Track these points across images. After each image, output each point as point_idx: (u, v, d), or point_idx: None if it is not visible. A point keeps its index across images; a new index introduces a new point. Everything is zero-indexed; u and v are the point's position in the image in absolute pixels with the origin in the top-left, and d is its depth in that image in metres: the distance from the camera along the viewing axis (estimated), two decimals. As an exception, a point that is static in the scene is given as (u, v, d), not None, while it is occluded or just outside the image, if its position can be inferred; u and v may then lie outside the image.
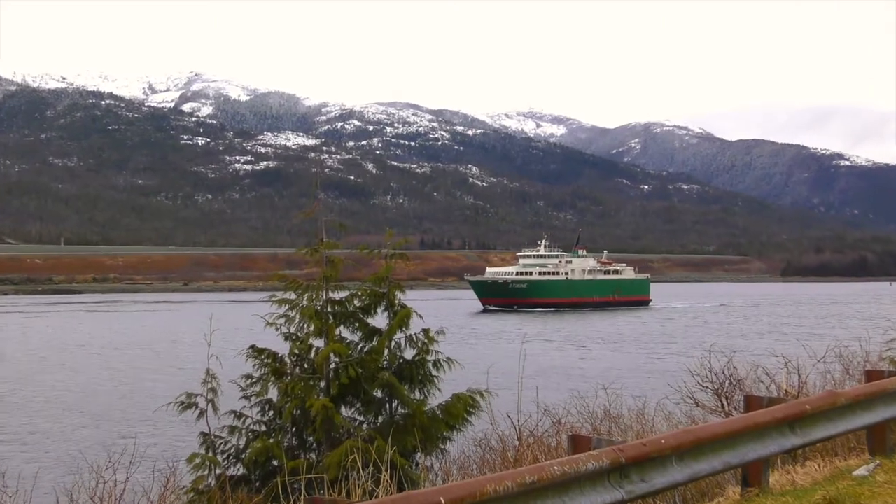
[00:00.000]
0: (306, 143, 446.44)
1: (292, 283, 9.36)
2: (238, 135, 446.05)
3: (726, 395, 11.62)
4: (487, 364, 17.62)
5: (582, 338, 63.04)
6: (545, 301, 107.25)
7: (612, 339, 62.81)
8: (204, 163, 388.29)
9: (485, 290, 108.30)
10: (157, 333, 66.81)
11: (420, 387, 9.40)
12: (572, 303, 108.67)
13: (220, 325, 57.55)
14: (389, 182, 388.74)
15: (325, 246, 9.41)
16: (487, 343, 56.04)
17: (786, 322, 76.64)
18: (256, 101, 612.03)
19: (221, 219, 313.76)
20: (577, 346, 56.28)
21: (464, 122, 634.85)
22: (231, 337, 39.32)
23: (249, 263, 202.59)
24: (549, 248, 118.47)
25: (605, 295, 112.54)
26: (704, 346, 14.78)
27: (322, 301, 9.28)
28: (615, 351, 53.61)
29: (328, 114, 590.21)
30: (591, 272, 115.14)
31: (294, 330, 9.30)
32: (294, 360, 9.26)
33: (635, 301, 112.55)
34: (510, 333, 65.05)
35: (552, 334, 66.01)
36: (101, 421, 28.75)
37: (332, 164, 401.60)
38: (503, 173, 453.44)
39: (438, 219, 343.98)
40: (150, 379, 39.24)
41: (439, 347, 9.57)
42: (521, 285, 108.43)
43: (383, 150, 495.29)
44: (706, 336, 59.20)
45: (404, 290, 9.76)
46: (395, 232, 10.20)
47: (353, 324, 9.53)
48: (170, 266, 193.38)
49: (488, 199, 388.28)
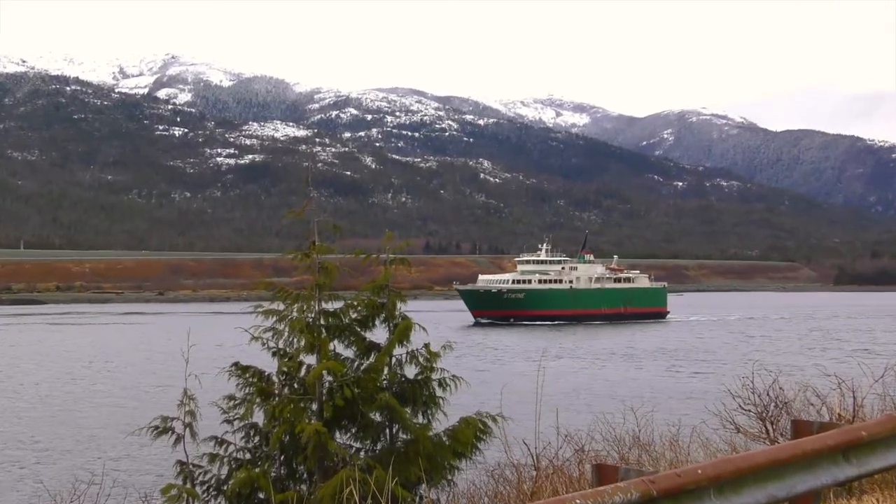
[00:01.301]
0: (296, 135, 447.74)
1: (280, 291, 9.37)
2: (220, 125, 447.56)
3: (771, 419, 11.59)
4: (500, 383, 17.63)
5: (597, 354, 63.30)
6: (545, 313, 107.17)
7: (632, 355, 62.96)
8: (181, 156, 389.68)
9: (476, 301, 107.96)
10: (128, 349, 66.96)
11: (424, 409, 9.40)
12: (577, 315, 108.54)
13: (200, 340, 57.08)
14: (390, 178, 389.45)
15: (318, 250, 9.42)
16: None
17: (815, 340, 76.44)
18: (240, 87, 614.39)
19: (201, 220, 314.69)
20: (596, 364, 56.35)
21: (474, 111, 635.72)
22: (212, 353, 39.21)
23: (232, 270, 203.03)
24: (552, 253, 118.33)
25: (615, 306, 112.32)
26: (742, 364, 14.77)
27: (314, 312, 9.29)
28: (640, 369, 53.63)
29: (321, 101, 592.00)
30: (598, 280, 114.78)
31: (282, 345, 9.31)
32: (282, 380, 9.26)
33: (649, 313, 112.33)
34: (499, 351, 65.32)
35: (559, 351, 66.21)
36: (65, 449, 28.84)
37: (326, 157, 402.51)
38: (518, 168, 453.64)
39: (445, 220, 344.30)
40: (121, 401, 39.32)
41: (445, 364, 9.57)
42: (517, 295, 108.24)
43: (383, 142, 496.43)
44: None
45: (406, 299, 9.75)
46: (397, 234, 10.20)
47: (349, 338, 9.53)
48: (143, 273, 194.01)
49: (502, 198, 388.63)
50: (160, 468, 21.64)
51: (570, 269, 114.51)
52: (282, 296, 9.32)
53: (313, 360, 9.25)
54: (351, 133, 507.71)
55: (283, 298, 9.31)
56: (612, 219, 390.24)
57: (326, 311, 9.40)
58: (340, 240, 9.98)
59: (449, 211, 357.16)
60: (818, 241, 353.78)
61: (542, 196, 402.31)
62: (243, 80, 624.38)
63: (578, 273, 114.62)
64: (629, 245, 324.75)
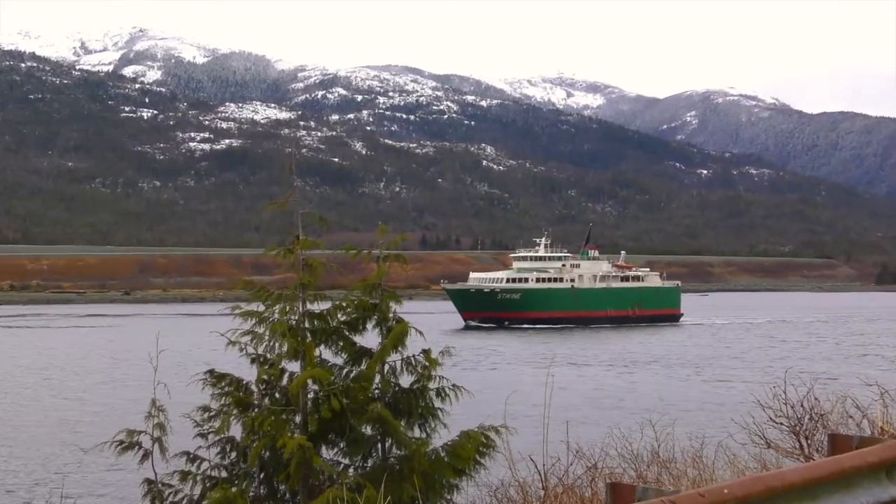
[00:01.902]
0: (278, 117, 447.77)
1: (260, 291, 9.37)
2: (193, 106, 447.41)
3: (806, 433, 11.59)
4: (503, 393, 17.65)
5: (606, 361, 63.55)
6: (544, 315, 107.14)
7: (646, 362, 63.14)
8: (150, 141, 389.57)
9: (466, 302, 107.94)
10: (90, 355, 66.98)
11: (420, 422, 9.41)
12: (579, 317, 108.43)
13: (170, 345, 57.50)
14: (382, 165, 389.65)
15: (302, 245, 9.42)
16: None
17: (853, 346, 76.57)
18: (216, 65, 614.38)
19: (172, 211, 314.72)
20: (607, 372, 56.52)
21: (476, 91, 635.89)
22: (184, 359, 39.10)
23: (207, 268, 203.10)
24: (552, 248, 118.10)
25: (622, 308, 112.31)
26: (773, 372, 14.80)
27: (298, 314, 9.29)
28: (657, 377, 53.79)
29: (306, 80, 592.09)
30: (603, 279, 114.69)
31: (263, 350, 9.31)
32: (262, 389, 9.27)
33: (661, 315, 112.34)
34: (494, 357, 65.56)
35: (563, 357, 66.45)
36: (21, 465, 28.82)
37: (311, 142, 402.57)
38: (525, 154, 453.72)
39: (444, 212, 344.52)
40: (83, 412, 39.33)
41: (444, 372, 9.58)
42: (513, 295, 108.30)
43: (375, 126, 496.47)
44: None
45: (401, 300, 9.76)
46: (390, 228, 10.21)
47: (337, 343, 9.54)
48: (107, 271, 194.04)
49: (506, 187, 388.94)
50: (125, 489, 21.65)
51: (571, 267, 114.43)
52: (262, 296, 9.33)
53: (297, 368, 9.26)
54: (339, 115, 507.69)
55: (263, 299, 9.31)
56: (628, 211, 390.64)
57: (312, 313, 9.40)
58: (327, 234, 9.99)
59: (448, 202, 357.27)
60: (858, 236, 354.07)
61: (552, 186, 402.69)
62: (219, 57, 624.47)
63: (581, 271, 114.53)
64: (647, 240, 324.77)
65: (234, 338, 9.28)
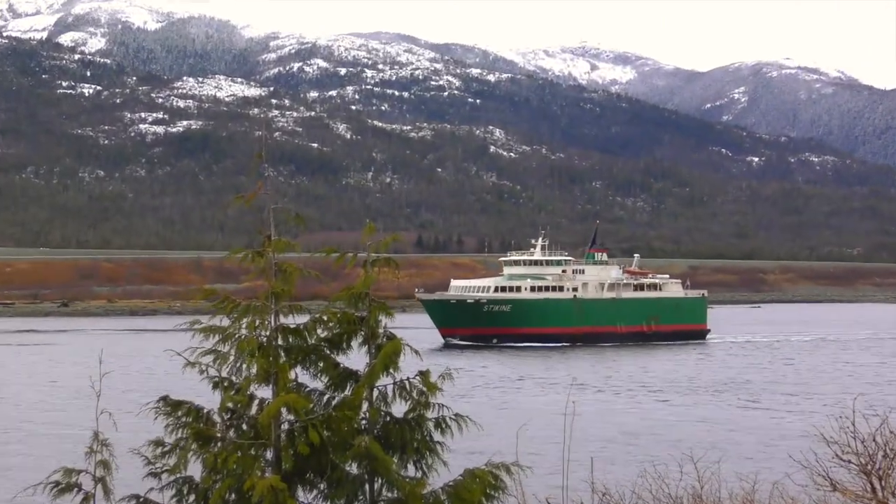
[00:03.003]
0: (246, 94, 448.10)
1: (225, 302, 9.37)
2: (144, 81, 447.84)
3: (879, 473, 11.58)
4: (513, 423, 17.66)
5: (626, 387, 63.62)
6: (540, 331, 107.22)
7: (675, 387, 63.23)
8: (92, 123, 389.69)
9: (447, 315, 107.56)
10: (19, 378, 66.96)
11: (416, 458, 9.41)
12: (582, 334, 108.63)
13: (117, 366, 57.43)
14: (370, 152, 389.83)
15: (275, 247, 9.42)
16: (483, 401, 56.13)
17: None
18: (171, 32, 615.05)
19: (119, 207, 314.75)
20: (629, 399, 56.53)
21: (482, 63, 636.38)
22: (133, 383, 39.18)
23: (161, 274, 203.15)
24: (551, 251, 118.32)
25: (635, 322, 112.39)
26: (839, 400, 14.79)
27: (269, 330, 9.29)
28: (693, 405, 53.82)
29: (279, 50, 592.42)
30: (613, 287, 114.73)
31: (227, 373, 9.31)
32: (227, 419, 9.26)
33: (683, 332, 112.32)
34: (486, 380, 65.65)
35: (567, 381, 66.52)
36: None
37: (286, 124, 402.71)
38: (541, 139, 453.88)
39: (444, 207, 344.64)
40: (9, 448, 39.30)
41: (445, 399, 9.58)
42: (502, 307, 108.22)
43: (361, 105, 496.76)
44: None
45: (392, 313, 9.76)
46: (380, 227, 10.21)
47: (317, 364, 9.53)
48: (41, 278, 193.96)
49: (518, 178, 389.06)
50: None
51: (574, 273, 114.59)
52: (227, 308, 9.32)
53: (268, 394, 9.25)
54: (318, 92, 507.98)
55: (228, 311, 9.31)
56: (665, 207, 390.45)
57: (286, 329, 9.39)
58: (305, 233, 10.02)
59: (448, 196, 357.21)
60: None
61: (572, 176, 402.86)
62: (175, 22, 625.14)
63: (586, 277, 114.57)
64: (688, 241, 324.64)
65: (194, 358, 9.28)
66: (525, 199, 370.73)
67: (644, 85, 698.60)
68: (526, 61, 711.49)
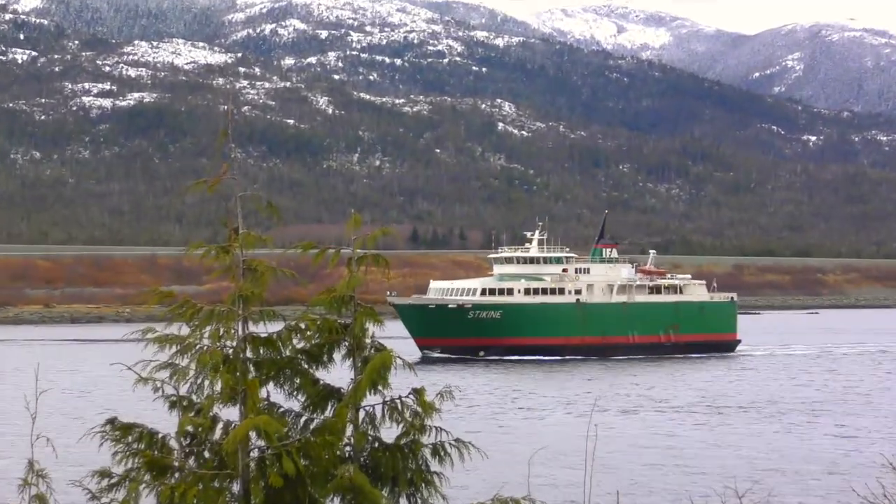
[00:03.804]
0: (209, 61, 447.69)
1: (183, 307, 9.36)
2: (88, 46, 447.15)
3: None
4: (524, 449, 17.67)
5: (649, 406, 63.81)
6: (535, 342, 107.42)
7: (705, 406, 63.48)
8: (27, 95, 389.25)
9: (424, 323, 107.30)
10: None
11: (410, 491, 9.40)
12: (587, 345, 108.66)
13: (57, 383, 57.56)
14: (357, 129, 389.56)
15: (243, 242, 9.42)
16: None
17: None
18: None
19: (59, 195, 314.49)
20: (655, 421, 56.60)
21: (489, 25, 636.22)
22: (75, 403, 39.16)
23: (109, 274, 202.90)
24: (548, 246, 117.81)
25: (651, 331, 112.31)
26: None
27: (236, 340, 9.28)
28: (731, 429, 53.84)
29: (248, 9, 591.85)
30: (623, 289, 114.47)
31: (187, 391, 9.31)
32: (186, 445, 9.25)
33: (707, 343, 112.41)
34: (480, 399, 65.70)
35: (580, 399, 66.59)
36: None
37: (256, 97, 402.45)
38: (558, 114, 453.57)
39: (443, 195, 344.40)
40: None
41: (443, 421, 9.58)
42: (491, 314, 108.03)
43: (346, 74, 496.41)
44: None
45: (381, 319, 9.76)
46: (367, 218, 10.21)
47: (292, 380, 9.53)
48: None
49: (531, 161, 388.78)
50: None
51: (577, 273, 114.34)
52: (186, 314, 9.31)
53: (235, 415, 9.24)
54: (295, 59, 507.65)
55: (187, 318, 9.30)
56: (704, 194, 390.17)
57: (256, 338, 9.38)
58: (279, 226, 9.98)
59: (449, 182, 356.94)
60: None
61: (596, 158, 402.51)
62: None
63: (591, 277, 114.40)
64: (732, 236, 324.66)
65: (147, 373, 9.27)
66: (539, 186, 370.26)
67: (680, 50, 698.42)
68: (541, 22, 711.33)
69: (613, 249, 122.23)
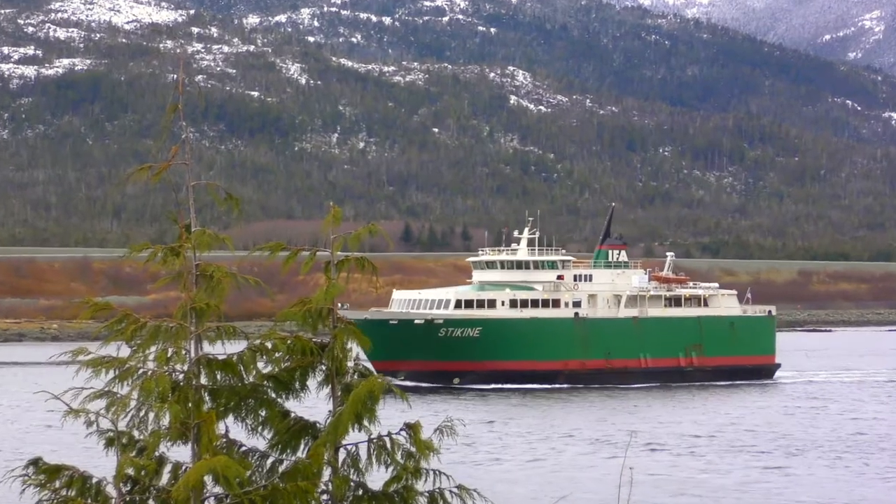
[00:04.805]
0: (154, 20, 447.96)
1: (123, 322, 9.38)
2: (7, 1, 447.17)
3: None
4: (540, 496, 17.77)
5: (683, 444, 64.08)
6: (524, 367, 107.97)
7: (752, 446, 63.73)
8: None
9: (386, 343, 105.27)
10: None
11: (401, 551, 9.43)
12: (588, 371, 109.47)
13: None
14: (336, 104, 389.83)
15: (196, 243, 9.44)
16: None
17: None
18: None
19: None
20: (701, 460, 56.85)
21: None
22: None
23: (31, 282, 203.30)
24: (541, 248, 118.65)
25: (668, 353, 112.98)
26: None
27: (188, 363, 9.31)
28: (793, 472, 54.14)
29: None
30: (633, 301, 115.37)
31: (128, 425, 9.33)
32: (127, 492, 9.28)
33: (738, 367, 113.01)
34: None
35: (585, 435, 67.08)
36: None
37: (213, 64, 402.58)
38: (584, 86, 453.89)
39: (443, 184, 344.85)
40: None
41: (441, 464, 9.62)
42: (468, 331, 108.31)
43: (323, 36, 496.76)
44: None
45: (367, 338, 9.79)
46: (349, 213, 10.22)
47: (257, 412, 9.56)
48: None
49: (550, 142, 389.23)
50: None
51: (576, 281, 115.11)
52: (126, 331, 9.34)
53: (187, 455, 9.26)
54: (261, 18, 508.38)
55: (128, 336, 9.32)
56: (763, 184, 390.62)
57: (212, 361, 9.41)
58: (241, 223, 10.02)
59: (450, 168, 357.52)
60: None
61: (630, 139, 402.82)
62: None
63: (594, 287, 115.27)
64: (798, 235, 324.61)
65: (78, 403, 9.30)
66: (562, 174, 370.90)
67: (734, 7, 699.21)
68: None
69: (622, 251, 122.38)
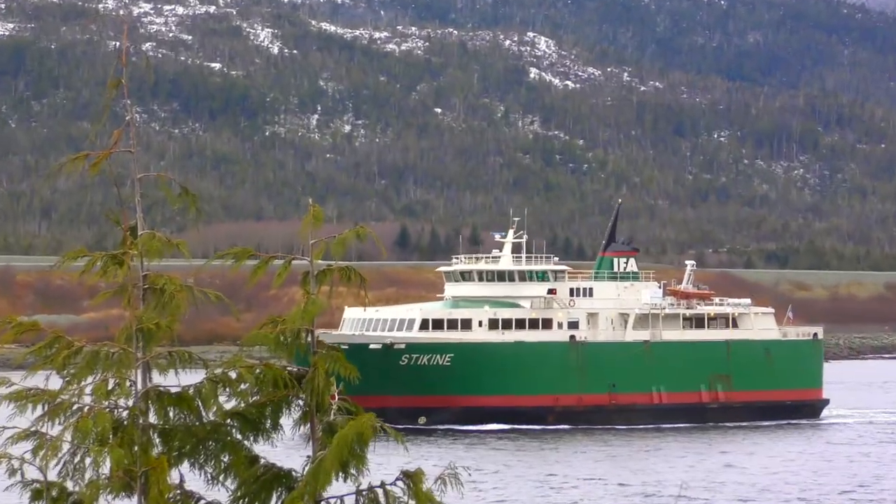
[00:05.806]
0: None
1: (54, 346, 9.39)
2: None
3: None
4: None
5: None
6: (507, 403, 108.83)
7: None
8: None
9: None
10: None
11: None
12: (587, 408, 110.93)
13: None
14: (316, 79, 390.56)
15: (144, 249, 9.45)
16: None
17: None
18: None
19: None
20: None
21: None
22: None
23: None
24: (529, 255, 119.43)
25: (688, 387, 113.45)
26: None
27: (134, 397, 9.33)
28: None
29: None
30: (644, 320, 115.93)
31: (60, 474, 9.35)
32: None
33: (775, 404, 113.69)
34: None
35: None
36: None
37: (164, 30, 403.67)
38: (620, 56, 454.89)
39: (447, 177, 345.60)
40: None
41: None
42: (437, 358, 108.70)
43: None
44: None
45: (354, 367, 9.82)
46: (330, 212, 10.23)
47: (218, 457, 9.58)
48: None
49: (579, 126, 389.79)
50: None
51: (572, 296, 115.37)
52: (57, 357, 9.34)
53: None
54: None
55: (59, 364, 9.33)
56: (840, 178, 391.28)
57: (164, 395, 9.43)
58: (199, 224, 10.06)
59: (456, 157, 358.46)
60: None
61: (678, 122, 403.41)
62: None
63: (595, 303, 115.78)
64: (884, 240, 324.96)
65: (0, 447, 9.32)
66: (594, 163, 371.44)
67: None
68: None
69: (631, 259, 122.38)
